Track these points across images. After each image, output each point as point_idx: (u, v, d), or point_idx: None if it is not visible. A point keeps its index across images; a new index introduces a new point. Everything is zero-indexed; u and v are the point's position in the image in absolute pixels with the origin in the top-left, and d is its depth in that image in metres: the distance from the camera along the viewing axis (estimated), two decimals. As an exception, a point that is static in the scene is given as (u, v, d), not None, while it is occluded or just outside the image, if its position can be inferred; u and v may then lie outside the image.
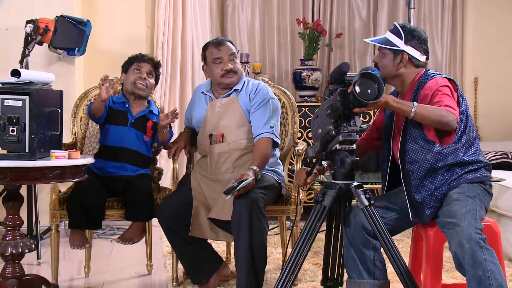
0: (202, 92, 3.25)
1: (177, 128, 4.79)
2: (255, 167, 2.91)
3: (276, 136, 3.10)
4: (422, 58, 2.63)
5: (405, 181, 2.56)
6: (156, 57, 4.90)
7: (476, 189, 2.47)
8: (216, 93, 3.22)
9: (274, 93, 3.47)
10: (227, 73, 3.13)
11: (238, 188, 2.73)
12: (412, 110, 2.38)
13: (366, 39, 2.86)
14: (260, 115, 3.10)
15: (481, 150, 2.60)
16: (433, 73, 2.61)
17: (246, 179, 2.77)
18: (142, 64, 3.34)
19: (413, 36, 2.60)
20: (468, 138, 2.53)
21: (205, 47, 3.23)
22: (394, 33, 2.62)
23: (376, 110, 3.93)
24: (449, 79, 2.57)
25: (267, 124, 3.08)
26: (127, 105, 3.33)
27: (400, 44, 2.59)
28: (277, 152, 3.25)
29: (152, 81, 3.38)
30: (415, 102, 2.40)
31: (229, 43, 3.19)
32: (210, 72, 3.19)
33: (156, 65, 3.41)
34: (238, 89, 3.17)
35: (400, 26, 2.63)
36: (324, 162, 2.67)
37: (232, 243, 2.95)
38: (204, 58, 3.22)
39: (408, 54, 2.60)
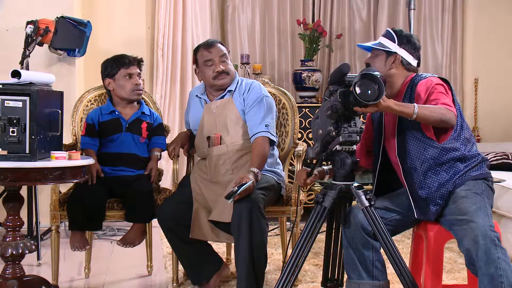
0: (197, 96, 3.24)
1: (177, 131, 4.79)
2: (254, 169, 2.90)
3: (272, 134, 3.09)
4: (414, 62, 2.67)
5: (406, 179, 2.57)
6: (156, 58, 4.94)
7: (481, 186, 2.50)
8: (210, 95, 3.21)
9: (274, 94, 3.48)
10: (219, 75, 3.12)
11: (238, 192, 2.72)
12: (414, 112, 2.38)
13: (359, 43, 2.87)
14: (255, 114, 3.09)
15: (477, 149, 2.63)
16: (425, 74, 2.64)
17: (246, 183, 2.76)
18: (131, 69, 3.31)
19: (408, 41, 2.67)
20: (466, 136, 2.57)
21: (195, 50, 3.22)
22: (387, 37, 2.68)
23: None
24: (442, 79, 2.59)
25: (262, 123, 3.07)
26: (117, 112, 3.32)
27: (393, 46, 2.65)
28: (276, 152, 3.25)
29: (141, 81, 3.39)
30: (415, 104, 2.42)
31: (219, 44, 3.18)
32: (202, 75, 3.18)
33: (140, 64, 3.39)
34: (232, 90, 3.16)
35: (393, 30, 2.69)
36: (325, 167, 2.68)
37: (233, 244, 2.95)
38: (195, 61, 3.21)
39: (401, 56, 2.64)
